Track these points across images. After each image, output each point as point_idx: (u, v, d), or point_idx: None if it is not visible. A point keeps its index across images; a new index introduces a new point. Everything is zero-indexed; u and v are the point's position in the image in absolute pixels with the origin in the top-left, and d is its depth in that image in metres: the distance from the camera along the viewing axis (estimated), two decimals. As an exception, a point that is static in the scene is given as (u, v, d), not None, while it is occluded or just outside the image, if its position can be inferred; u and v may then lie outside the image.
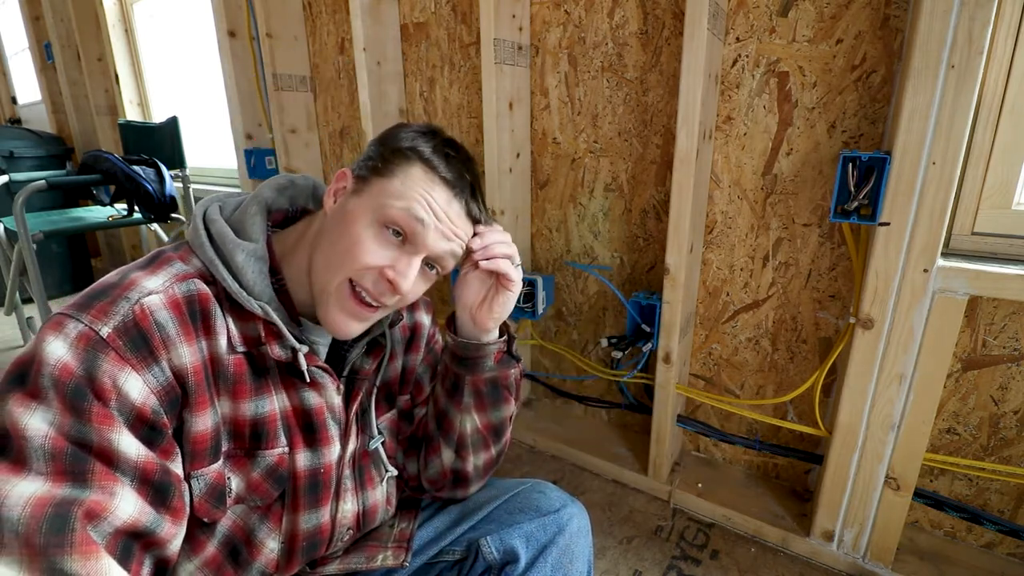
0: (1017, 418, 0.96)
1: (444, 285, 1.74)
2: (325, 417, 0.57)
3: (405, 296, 0.56)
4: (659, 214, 1.28)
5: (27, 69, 3.38)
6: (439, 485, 0.70)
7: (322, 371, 0.56)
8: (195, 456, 0.49)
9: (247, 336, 0.52)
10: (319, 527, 0.59)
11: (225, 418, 0.51)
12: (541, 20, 1.32)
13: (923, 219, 0.84)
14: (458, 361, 0.66)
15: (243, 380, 0.52)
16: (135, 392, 0.43)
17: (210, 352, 0.50)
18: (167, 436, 0.46)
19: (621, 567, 1.08)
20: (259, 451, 0.53)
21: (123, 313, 0.44)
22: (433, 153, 0.54)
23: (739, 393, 1.26)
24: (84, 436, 0.40)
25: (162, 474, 0.44)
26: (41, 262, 1.77)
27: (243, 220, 0.56)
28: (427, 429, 0.71)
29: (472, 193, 0.57)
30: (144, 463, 0.43)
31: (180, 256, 0.52)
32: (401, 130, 0.57)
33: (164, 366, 0.45)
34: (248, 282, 0.52)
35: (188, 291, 0.49)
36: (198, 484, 0.49)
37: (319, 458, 0.57)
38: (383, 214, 0.52)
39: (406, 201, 0.52)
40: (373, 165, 0.55)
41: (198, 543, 0.51)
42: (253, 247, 0.53)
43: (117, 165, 1.76)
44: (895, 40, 0.93)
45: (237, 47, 1.91)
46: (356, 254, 0.52)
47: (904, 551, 1.04)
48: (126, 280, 0.47)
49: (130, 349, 0.43)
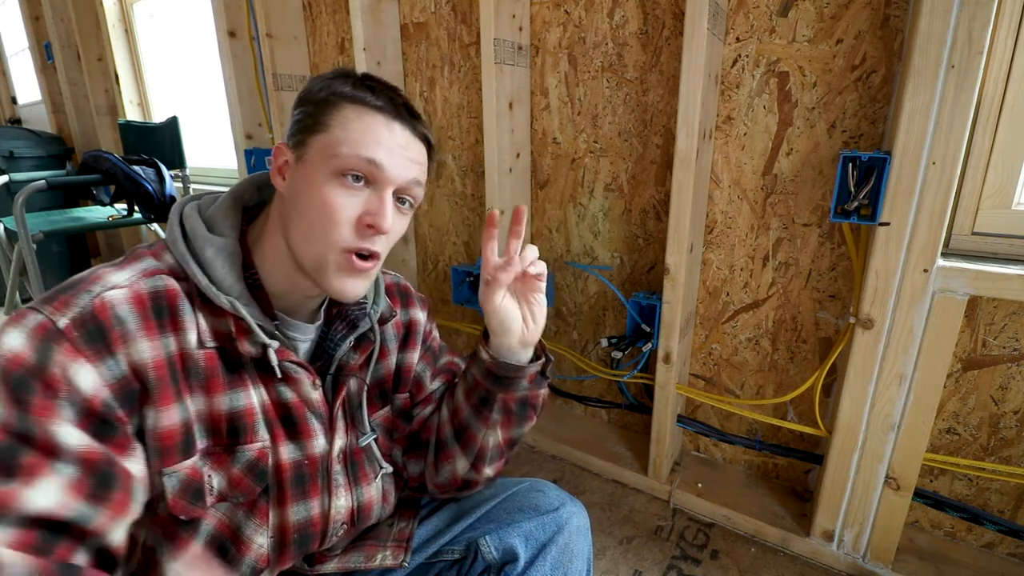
0: (1017, 418, 0.96)
1: (445, 285, 1.74)
2: (304, 411, 0.57)
3: (390, 234, 0.54)
4: (659, 214, 1.28)
5: (27, 69, 3.38)
6: (445, 490, 0.70)
7: (296, 366, 0.55)
8: (164, 452, 0.48)
9: (218, 331, 0.52)
10: (309, 520, 0.58)
11: (200, 414, 0.51)
12: (541, 20, 1.32)
13: (923, 219, 0.84)
14: (493, 378, 0.64)
15: (216, 374, 0.52)
16: (85, 384, 0.43)
17: (179, 348, 0.49)
18: (122, 430, 0.46)
19: (621, 567, 1.08)
20: (238, 446, 0.53)
21: (83, 305, 0.44)
22: (355, 89, 0.53)
23: (739, 393, 1.26)
24: (24, 428, 0.41)
25: (106, 465, 0.44)
26: (41, 262, 1.77)
27: (216, 216, 0.55)
28: (440, 435, 0.69)
29: (411, 113, 0.55)
30: (86, 453, 0.43)
31: (153, 253, 0.52)
32: (314, 83, 0.55)
33: (120, 360, 0.45)
34: (217, 277, 0.51)
35: (154, 287, 0.49)
36: (170, 481, 0.49)
37: (303, 450, 0.57)
38: (334, 165, 0.51)
39: (351, 145, 0.51)
40: (304, 126, 0.53)
41: (181, 542, 0.51)
42: (223, 242, 0.53)
43: (117, 165, 1.76)
44: (895, 40, 0.93)
45: (237, 47, 1.91)
46: (329, 214, 0.51)
47: (904, 551, 1.04)
48: (93, 275, 0.48)
49: (85, 341, 0.44)
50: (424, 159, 0.58)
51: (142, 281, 0.49)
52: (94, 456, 0.43)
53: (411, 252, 1.77)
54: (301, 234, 0.53)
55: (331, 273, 0.53)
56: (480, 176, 1.55)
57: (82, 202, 2.72)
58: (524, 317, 0.63)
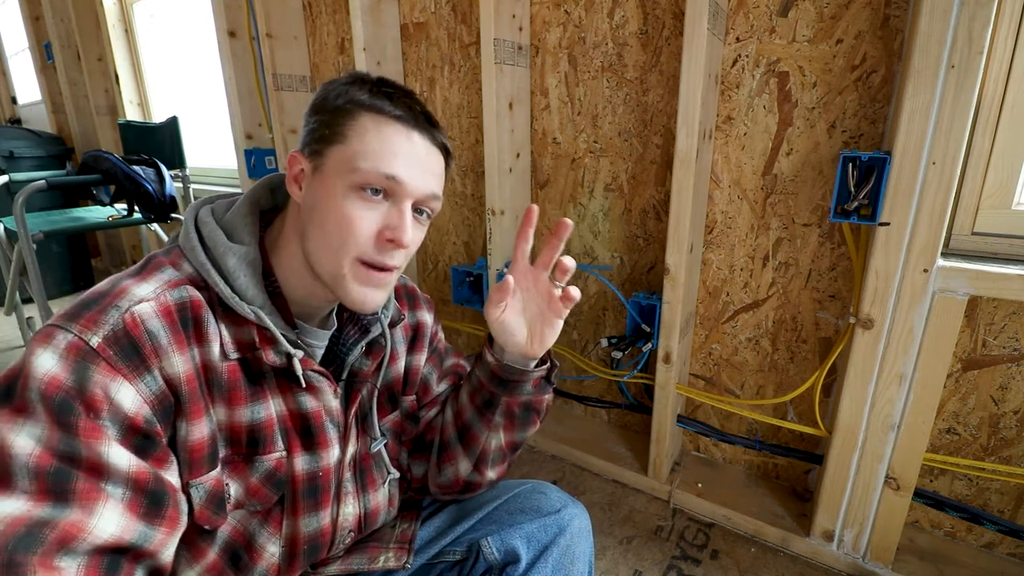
0: (1017, 418, 0.96)
1: (445, 285, 1.74)
2: (323, 421, 0.57)
3: (410, 248, 0.54)
4: (659, 214, 1.28)
5: (27, 69, 3.38)
6: (448, 491, 0.70)
7: (319, 375, 0.55)
8: (192, 465, 0.48)
9: (241, 342, 0.51)
10: (320, 530, 0.58)
11: (221, 425, 0.51)
12: (541, 20, 1.32)
13: (923, 219, 0.84)
14: (497, 382, 0.64)
15: (238, 387, 0.51)
16: (128, 402, 0.42)
17: (203, 360, 0.49)
18: (161, 445, 0.45)
19: (621, 567, 1.08)
20: (256, 456, 0.53)
21: (113, 322, 0.43)
22: (372, 97, 0.51)
23: (739, 393, 1.26)
24: (72, 451, 0.40)
25: (155, 483, 0.44)
26: (41, 262, 1.77)
27: (235, 222, 0.54)
28: (444, 437, 0.69)
29: (429, 121, 0.54)
30: (136, 473, 0.42)
31: (171, 261, 0.51)
32: (329, 90, 0.53)
33: (156, 375, 0.45)
34: (240, 287, 0.51)
35: (180, 298, 0.48)
36: (197, 492, 0.49)
37: (317, 461, 0.57)
38: (353, 180, 0.50)
39: (370, 159, 0.50)
40: (320, 135, 0.52)
41: (199, 550, 0.51)
42: (244, 250, 0.52)
43: (117, 165, 1.76)
44: (895, 40, 0.93)
45: (237, 47, 1.91)
46: (349, 228, 0.50)
47: (904, 551, 1.04)
48: (116, 288, 0.46)
49: (121, 358, 0.43)
50: (442, 169, 0.57)
51: (168, 293, 0.48)
52: (143, 475, 0.43)
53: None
54: (318, 246, 0.52)
55: (349, 285, 0.52)
56: (480, 176, 1.55)
57: (82, 202, 2.72)
58: (532, 335, 0.61)
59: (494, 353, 0.64)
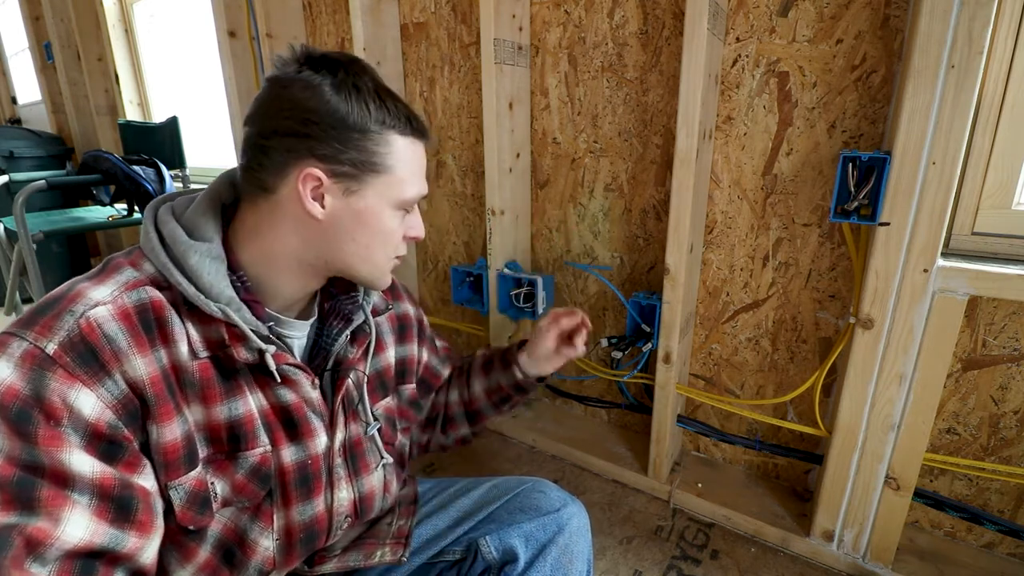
0: (1017, 418, 0.96)
1: (445, 285, 1.74)
2: (305, 412, 0.57)
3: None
4: (659, 214, 1.28)
5: (27, 69, 3.38)
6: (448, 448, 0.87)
7: (294, 368, 0.55)
8: (168, 467, 0.48)
9: (210, 340, 0.50)
10: (315, 517, 0.58)
11: (198, 424, 0.50)
12: (541, 20, 1.32)
13: (923, 219, 0.84)
14: (517, 388, 0.82)
15: (212, 384, 0.51)
16: (88, 408, 0.42)
17: (171, 360, 0.48)
18: (130, 449, 0.45)
19: (621, 567, 1.08)
20: (240, 452, 0.53)
21: (68, 327, 0.43)
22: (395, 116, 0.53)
23: (739, 393, 1.26)
24: (34, 460, 0.39)
25: (122, 488, 0.43)
26: (41, 262, 1.77)
27: (195, 219, 0.53)
28: (449, 412, 0.84)
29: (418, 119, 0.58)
30: (101, 479, 0.42)
31: (131, 262, 0.50)
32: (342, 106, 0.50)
33: (118, 379, 0.44)
34: (205, 284, 0.49)
35: (139, 300, 0.47)
36: (177, 494, 0.48)
37: (305, 451, 0.57)
38: (401, 202, 0.56)
39: (416, 186, 0.57)
40: (355, 160, 0.51)
41: (189, 550, 0.51)
42: (207, 247, 0.50)
43: (117, 165, 1.76)
44: (895, 40, 0.93)
45: (237, 47, 1.91)
46: (391, 239, 0.58)
47: (904, 551, 1.04)
48: (72, 292, 0.45)
49: (79, 364, 0.42)
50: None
51: (125, 295, 0.47)
52: (109, 481, 0.43)
53: (411, 252, 1.77)
54: (358, 257, 0.56)
55: (384, 278, 0.61)
56: (480, 176, 1.55)
57: (82, 202, 2.72)
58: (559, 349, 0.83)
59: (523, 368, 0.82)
